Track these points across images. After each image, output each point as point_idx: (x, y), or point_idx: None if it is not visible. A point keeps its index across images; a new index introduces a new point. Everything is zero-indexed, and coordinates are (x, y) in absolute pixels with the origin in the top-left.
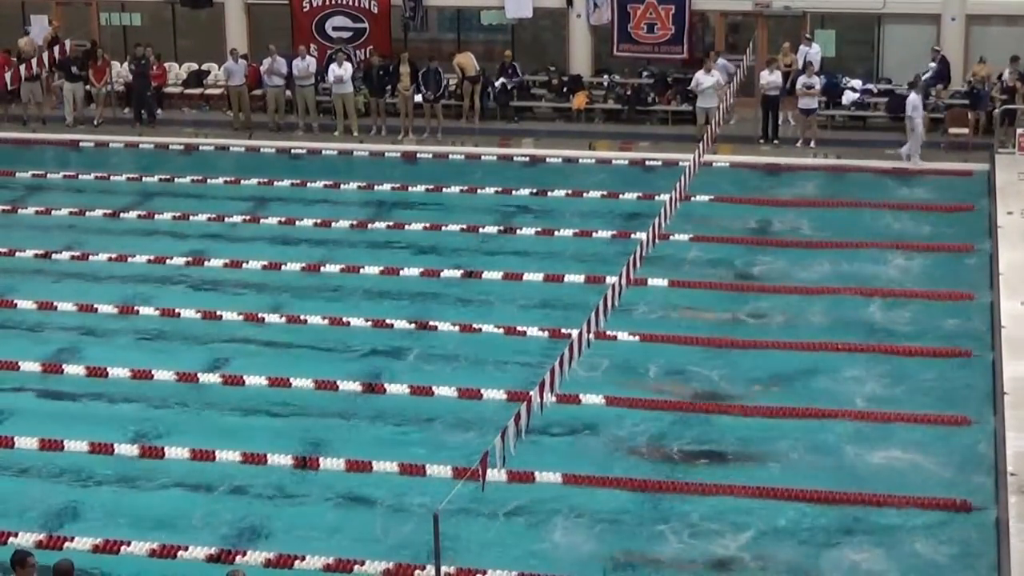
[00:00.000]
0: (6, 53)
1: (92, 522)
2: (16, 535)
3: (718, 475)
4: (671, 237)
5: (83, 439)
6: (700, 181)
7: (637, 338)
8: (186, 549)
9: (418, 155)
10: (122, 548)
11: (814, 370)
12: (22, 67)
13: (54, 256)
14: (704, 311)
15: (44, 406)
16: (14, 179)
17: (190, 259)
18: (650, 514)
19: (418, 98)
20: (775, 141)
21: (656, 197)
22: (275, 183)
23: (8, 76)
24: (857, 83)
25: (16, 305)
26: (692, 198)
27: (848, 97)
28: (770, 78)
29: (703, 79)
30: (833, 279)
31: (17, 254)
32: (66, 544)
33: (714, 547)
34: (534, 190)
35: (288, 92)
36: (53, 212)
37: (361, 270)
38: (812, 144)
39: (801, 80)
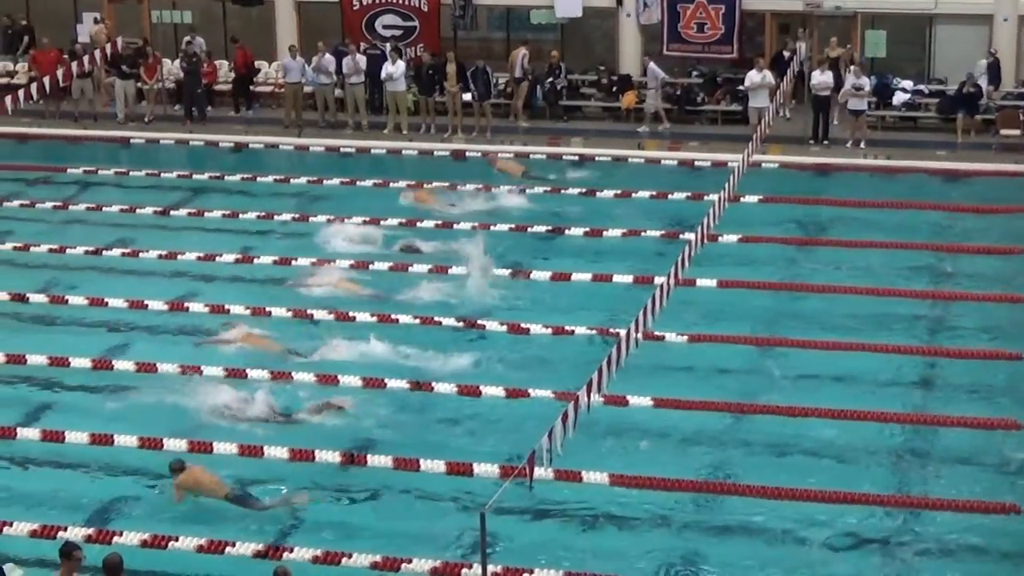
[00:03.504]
0: (59, 51)
1: (140, 517)
2: (65, 529)
3: (766, 477)
4: (719, 238)
5: (132, 434)
6: (749, 181)
7: (685, 338)
8: (233, 545)
9: (467, 153)
10: (170, 543)
11: (862, 370)
12: (74, 64)
13: (104, 252)
14: (752, 312)
15: (94, 401)
16: (66, 175)
17: (239, 256)
18: (698, 515)
19: (466, 97)
20: (825, 141)
21: (705, 197)
22: (324, 181)
23: (60, 73)
24: (908, 84)
25: (67, 301)
26: (741, 199)
27: (899, 98)
28: (821, 78)
29: (754, 78)
30: (883, 280)
31: (68, 250)
32: (114, 539)
33: (763, 550)
34: (583, 189)
35: (338, 90)
36: (104, 209)
37: (409, 268)
38: (862, 145)
39: (850, 81)
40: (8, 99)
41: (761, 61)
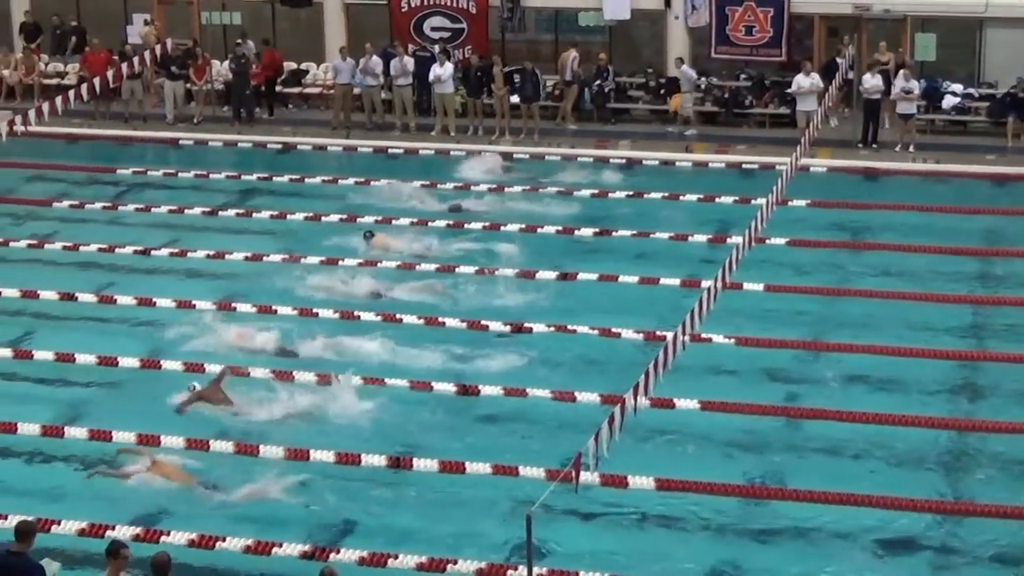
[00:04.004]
0: (109, 51)
1: (187, 517)
2: (113, 528)
3: (813, 481)
4: (767, 241)
5: (180, 435)
6: (797, 185)
7: (732, 341)
8: (280, 546)
9: (514, 155)
10: (217, 543)
11: (909, 375)
12: (124, 65)
13: (153, 253)
14: (799, 315)
15: (141, 400)
16: (115, 176)
17: (286, 256)
18: (745, 520)
19: (514, 99)
20: (874, 145)
21: (752, 201)
22: (371, 182)
23: (111, 74)
24: (958, 87)
25: (116, 301)
26: (789, 202)
27: (948, 101)
28: (873, 82)
29: (802, 82)
30: (930, 284)
31: (117, 250)
32: (162, 538)
33: (810, 555)
34: (630, 192)
35: (386, 92)
36: (153, 209)
37: (456, 270)
38: (911, 149)
39: (899, 84)
40: (59, 99)
41: (809, 65)
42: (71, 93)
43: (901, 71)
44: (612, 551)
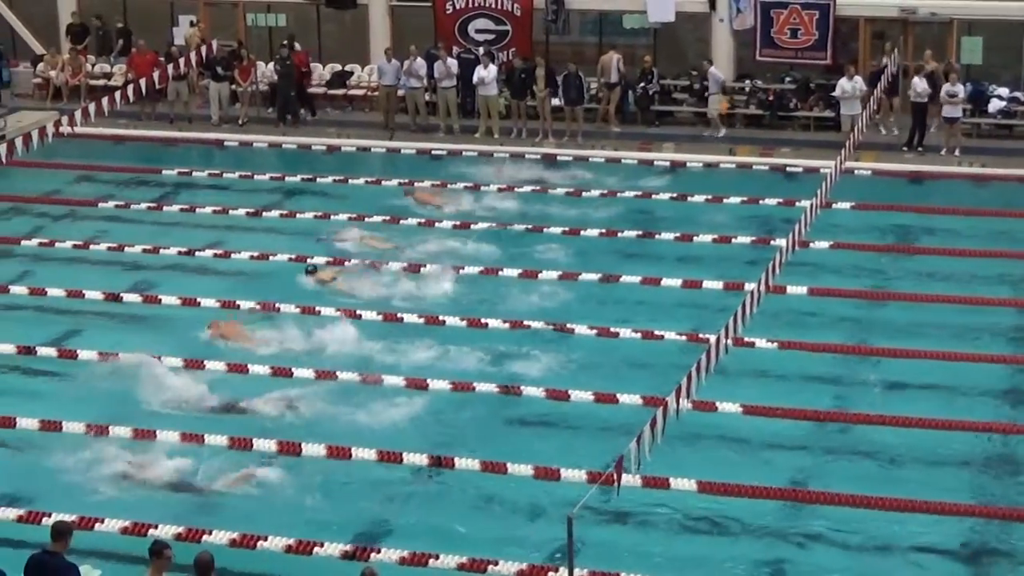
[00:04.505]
0: (155, 53)
1: (229, 517)
2: (156, 527)
3: (855, 485)
4: (811, 244)
5: (223, 434)
6: (841, 188)
7: (775, 345)
8: (321, 546)
9: (558, 158)
10: (258, 543)
11: (953, 379)
12: (170, 67)
13: (197, 253)
14: (843, 319)
15: (187, 400)
16: (160, 176)
17: (331, 259)
18: (787, 523)
19: (556, 101)
20: (919, 148)
21: (797, 203)
22: (415, 184)
23: (156, 75)
24: (1004, 91)
25: (160, 301)
26: (833, 205)
27: (994, 105)
28: (922, 85)
29: (846, 86)
30: (975, 289)
31: (161, 251)
32: (204, 537)
33: (852, 559)
34: (674, 195)
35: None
36: (197, 210)
37: (500, 272)
38: (956, 152)
39: (945, 88)
40: (105, 101)
41: (852, 69)
42: (117, 94)
43: (947, 75)
44: (653, 553)
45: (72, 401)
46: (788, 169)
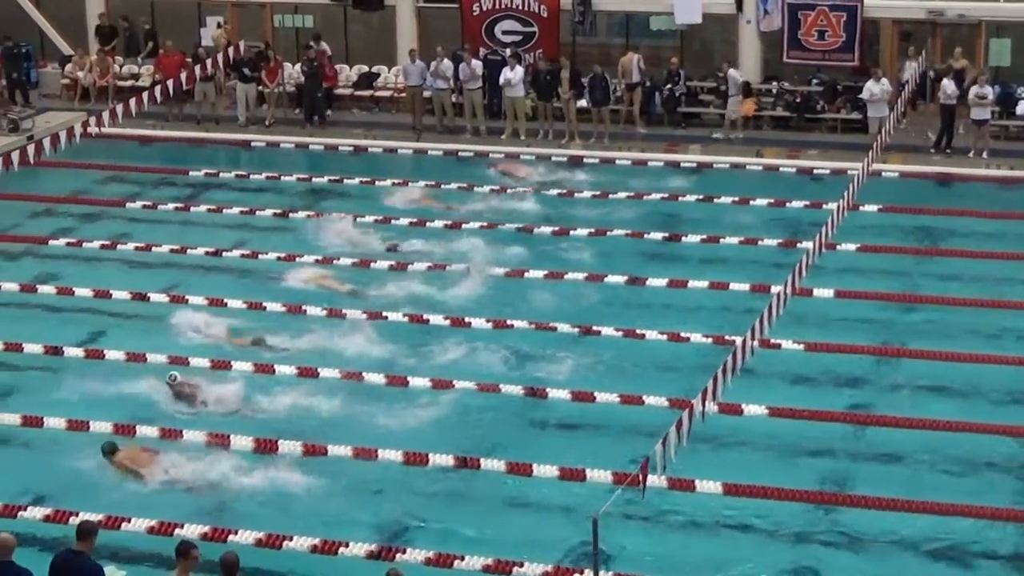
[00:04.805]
0: (182, 54)
1: (254, 516)
2: (182, 527)
3: (882, 488)
4: (838, 247)
5: (248, 435)
6: (869, 190)
7: (802, 347)
8: (347, 546)
9: (585, 159)
10: (284, 543)
11: (980, 382)
12: (197, 67)
13: (224, 254)
14: (870, 322)
15: (213, 401)
16: (187, 177)
17: (357, 260)
18: (813, 526)
19: (582, 103)
20: (948, 151)
21: (824, 206)
22: (442, 185)
23: (183, 76)
24: None
25: (187, 301)
26: (860, 207)
27: (1022, 107)
28: (952, 88)
29: (873, 88)
30: (1003, 291)
31: (188, 251)
32: (230, 537)
33: (878, 563)
34: (700, 196)
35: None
36: (224, 210)
37: (526, 274)
38: (984, 155)
39: (973, 90)
40: (132, 101)
41: (879, 71)
42: (145, 95)
43: (975, 76)
44: (678, 555)
45: (99, 401)
46: (815, 171)
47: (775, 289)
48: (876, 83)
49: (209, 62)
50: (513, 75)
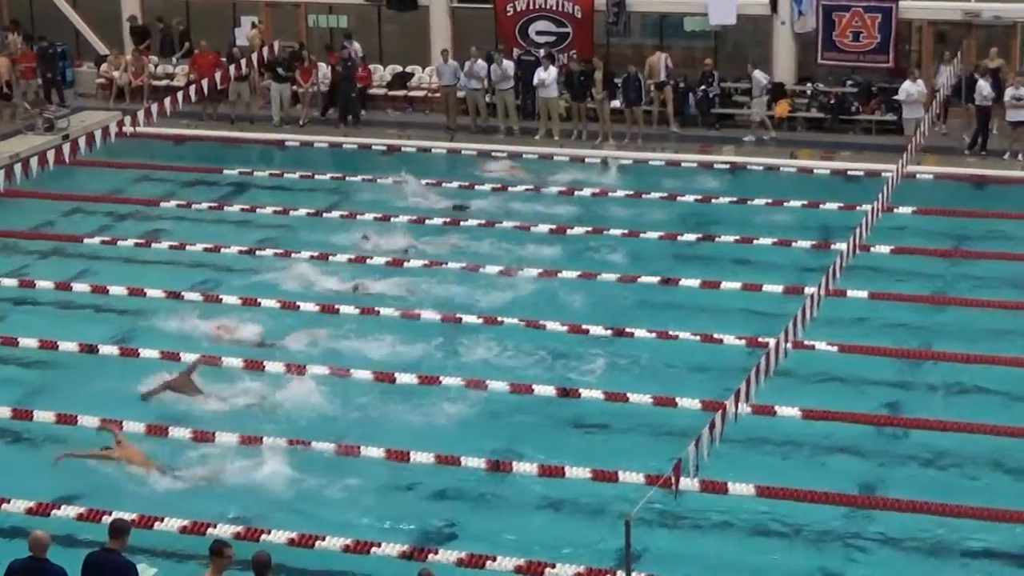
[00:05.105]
0: (217, 54)
1: (287, 516)
2: (214, 526)
3: (915, 491)
4: (872, 248)
5: (281, 436)
6: (903, 192)
7: (835, 349)
8: (379, 546)
9: (619, 160)
10: (316, 543)
11: (1015, 385)
12: (231, 67)
13: (258, 253)
14: (903, 323)
15: (248, 400)
16: (221, 176)
17: (390, 260)
18: (845, 529)
19: (615, 103)
20: (982, 152)
21: (857, 207)
22: (475, 186)
23: (218, 76)
24: None
25: (221, 300)
26: (894, 209)
27: None
28: (988, 89)
29: (910, 89)
30: None
31: (222, 250)
32: (262, 536)
33: (911, 567)
34: (734, 198)
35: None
36: (258, 210)
37: (559, 274)
38: (1020, 156)
39: (1009, 92)
40: (167, 101)
41: (916, 72)
42: (179, 95)
43: (1012, 78)
44: (710, 557)
45: (133, 400)
46: (849, 173)
47: (809, 290)
48: (913, 84)
49: (244, 62)
50: (547, 75)
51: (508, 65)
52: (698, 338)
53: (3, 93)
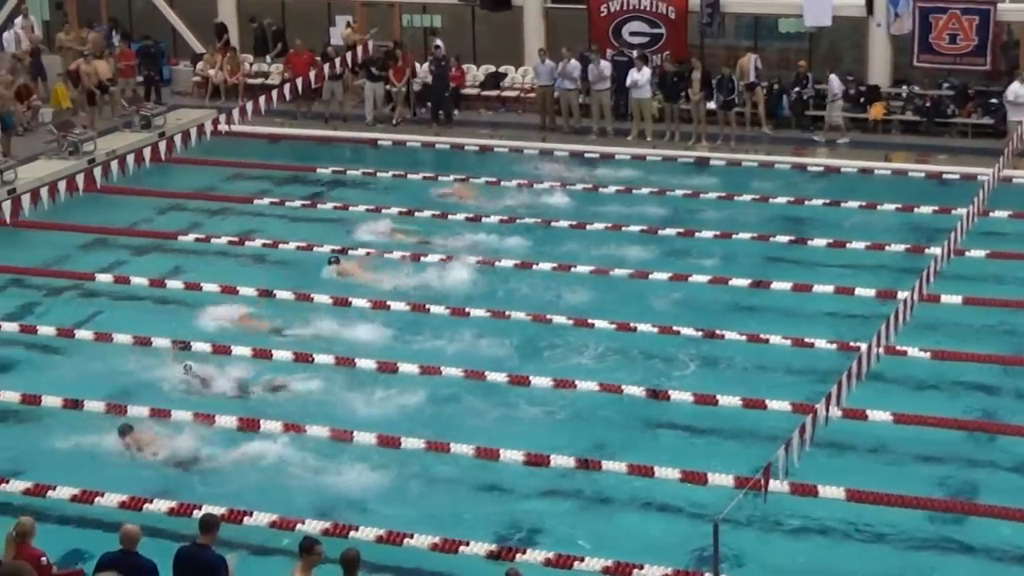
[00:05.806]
0: (311, 52)
1: (376, 513)
2: (304, 522)
3: (1009, 498)
4: (967, 253)
5: (372, 431)
6: (999, 196)
7: (928, 355)
8: (467, 544)
9: (711, 161)
10: (404, 540)
11: None
12: (326, 66)
13: (350, 252)
14: (999, 329)
15: (339, 399)
16: (315, 174)
17: (480, 259)
18: (937, 534)
19: (711, 105)
20: None
21: (952, 211)
22: (567, 187)
23: (312, 75)
24: None
25: (312, 299)
26: (990, 213)
27: None
28: None
29: (1019, 90)
30: None
31: (315, 248)
32: (351, 533)
33: (1003, 573)
34: (827, 200)
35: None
36: (350, 208)
37: (650, 276)
38: None
39: None
40: (261, 99)
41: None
42: (274, 93)
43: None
44: (799, 561)
45: (226, 397)
46: (944, 176)
47: (902, 295)
48: (1021, 85)
49: (338, 61)
50: (640, 76)
51: (605, 65)
52: (789, 342)
53: (99, 91)
